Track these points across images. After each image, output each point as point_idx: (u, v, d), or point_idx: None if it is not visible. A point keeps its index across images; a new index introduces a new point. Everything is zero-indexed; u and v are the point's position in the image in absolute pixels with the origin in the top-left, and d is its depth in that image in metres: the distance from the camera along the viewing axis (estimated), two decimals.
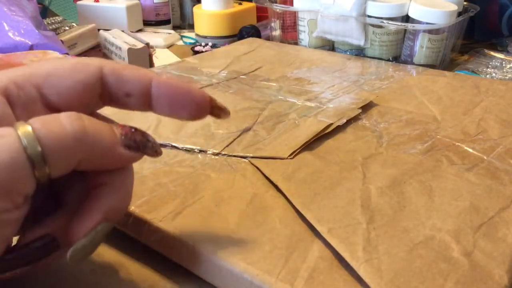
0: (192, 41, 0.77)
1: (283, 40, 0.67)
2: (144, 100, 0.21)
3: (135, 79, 0.21)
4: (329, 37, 0.60)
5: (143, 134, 0.20)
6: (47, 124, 0.18)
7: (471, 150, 0.33)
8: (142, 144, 0.20)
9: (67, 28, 0.73)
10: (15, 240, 0.22)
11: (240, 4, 0.77)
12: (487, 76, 0.56)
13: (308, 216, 0.25)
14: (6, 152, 0.16)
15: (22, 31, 0.56)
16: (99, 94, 0.21)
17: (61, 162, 0.18)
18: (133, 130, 0.20)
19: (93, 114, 0.22)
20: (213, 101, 0.22)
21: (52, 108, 0.20)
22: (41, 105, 0.20)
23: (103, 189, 0.20)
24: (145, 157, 0.22)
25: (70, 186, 0.22)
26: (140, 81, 0.21)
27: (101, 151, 0.19)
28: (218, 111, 0.22)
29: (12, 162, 0.17)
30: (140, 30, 0.81)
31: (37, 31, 0.56)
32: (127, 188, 0.21)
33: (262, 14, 0.78)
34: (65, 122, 0.18)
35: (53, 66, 0.20)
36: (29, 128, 0.17)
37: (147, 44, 0.59)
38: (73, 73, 0.20)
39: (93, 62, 0.21)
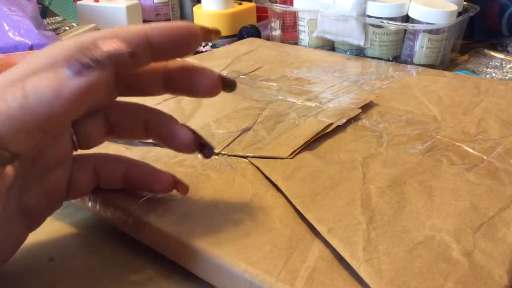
0: None
1: (283, 40, 0.67)
2: (148, 54, 0.21)
3: (130, 34, 0.20)
4: (329, 37, 0.60)
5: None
6: None
7: (471, 150, 0.33)
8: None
9: (67, 28, 0.73)
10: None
11: (240, 4, 0.77)
12: (487, 76, 0.56)
13: (308, 216, 0.25)
14: None
15: (22, 31, 0.56)
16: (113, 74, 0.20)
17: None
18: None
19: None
20: (203, 27, 0.23)
21: None
22: None
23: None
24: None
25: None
26: (135, 34, 0.21)
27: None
28: (208, 34, 0.23)
29: None
30: None
31: (37, 31, 0.56)
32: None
33: (262, 14, 0.78)
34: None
35: None
36: None
37: None
38: None
39: None
